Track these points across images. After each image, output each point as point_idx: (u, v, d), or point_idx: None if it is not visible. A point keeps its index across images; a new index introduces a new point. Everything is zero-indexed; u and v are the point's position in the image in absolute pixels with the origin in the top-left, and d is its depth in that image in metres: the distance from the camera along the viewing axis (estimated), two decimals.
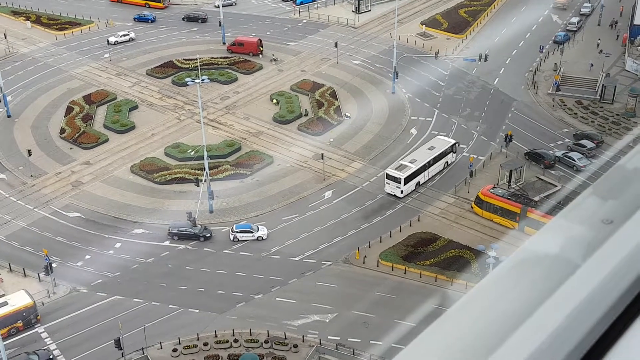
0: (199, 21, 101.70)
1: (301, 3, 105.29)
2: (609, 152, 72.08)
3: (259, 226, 61.94)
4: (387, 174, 66.00)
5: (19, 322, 52.61)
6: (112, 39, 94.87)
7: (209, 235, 61.72)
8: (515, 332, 1.83)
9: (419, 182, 66.73)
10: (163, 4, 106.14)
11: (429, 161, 67.63)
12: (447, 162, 70.23)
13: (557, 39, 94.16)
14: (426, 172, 67.52)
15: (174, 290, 56.18)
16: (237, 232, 61.05)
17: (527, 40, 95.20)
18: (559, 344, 1.80)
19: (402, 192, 65.22)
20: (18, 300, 53.22)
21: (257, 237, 60.94)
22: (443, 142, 70.99)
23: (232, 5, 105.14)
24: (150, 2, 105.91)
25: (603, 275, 1.95)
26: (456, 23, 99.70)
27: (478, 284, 2.13)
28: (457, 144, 71.65)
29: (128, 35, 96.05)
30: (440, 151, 69.09)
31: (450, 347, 1.87)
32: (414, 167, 65.91)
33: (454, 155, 70.94)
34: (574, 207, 2.30)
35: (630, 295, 1.95)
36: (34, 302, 53.27)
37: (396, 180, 65.13)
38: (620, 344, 1.88)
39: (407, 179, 65.10)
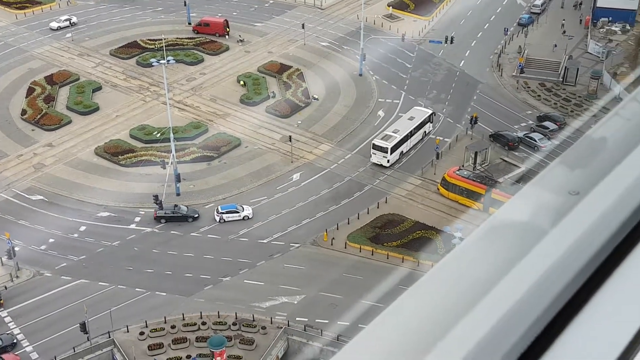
0: None
1: None
2: (571, 133, 73.38)
3: (244, 206, 61.88)
4: (373, 144, 67.83)
5: None
6: (54, 25, 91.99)
7: (197, 215, 61.32)
8: (482, 299, 1.86)
9: (402, 151, 68.78)
10: None
11: (411, 131, 69.93)
12: (425, 131, 72.27)
13: (521, 21, 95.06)
14: (408, 141, 69.74)
15: (140, 274, 55.81)
16: (223, 212, 60.81)
17: (492, 23, 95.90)
18: (527, 311, 1.84)
19: (388, 161, 67.30)
20: None
21: (243, 217, 60.90)
22: (421, 112, 73.16)
23: None
24: None
25: (570, 242, 2.00)
26: (423, 5, 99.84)
27: (447, 255, 2.19)
28: (434, 114, 73.75)
29: (70, 19, 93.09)
30: (420, 121, 71.31)
31: (418, 317, 1.93)
32: (398, 137, 68.03)
33: (431, 125, 72.86)
34: (542, 177, 2.37)
35: (596, 261, 2.01)
36: None
37: (383, 150, 67.12)
38: (588, 309, 1.94)
39: (393, 149, 67.19)
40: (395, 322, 1.95)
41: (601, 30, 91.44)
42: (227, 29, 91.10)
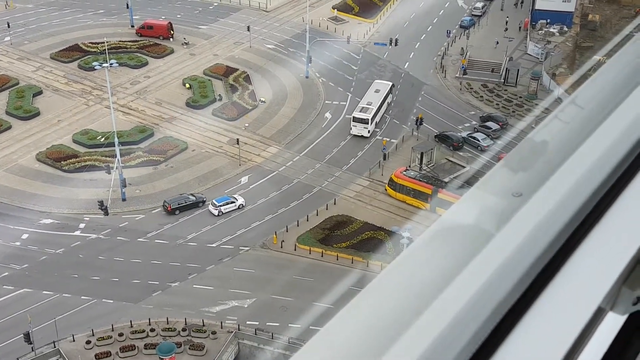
0: None
1: None
2: (512, 133, 75.16)
3: (235, 196, 62.67)
4: (354, 117, 72.35)
5: None
6: None
7: (204, 200, 62.54)
8: (432, 303, 1.87)
9: (376, 121, 73.36)
10: None
11: (381, 102, 74.80)
12: (388, 102, 77.26)
13: (463, 23, 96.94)
14: (380, 112, 74.49)
15: (86, 281, 54.69)
16: (221, 205, 61.25)
17: (435, 25, 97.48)
18: (475, 314, 1.87)
19: (369, 131, 71.92)
20: None
21: (239, 206, 61.99)
22: (383, 85, 78.43)
23: None
24: None
25: (516, 243, 2.04)
26: (367, 7, 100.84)
27: (395, 259, 2.25)
28: (393, 86, 79.14)
29: None
30: (385, 92, 76.66)
31: (370, 321, 1.90)
32: (374, 108, 72.98)
33: (392, 96, 78.24)
34: (486, 180, 2.39)
35: (541, 263, 2.05)
36: None
37: (363, 121, 71.84)
38: (533, 311, 1.99)
39: (372, 119, 72.00)
40: (347, 326, 1.94)
41: (540, 32, 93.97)
42: (172, 32, 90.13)
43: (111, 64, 65.05)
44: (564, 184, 2.28)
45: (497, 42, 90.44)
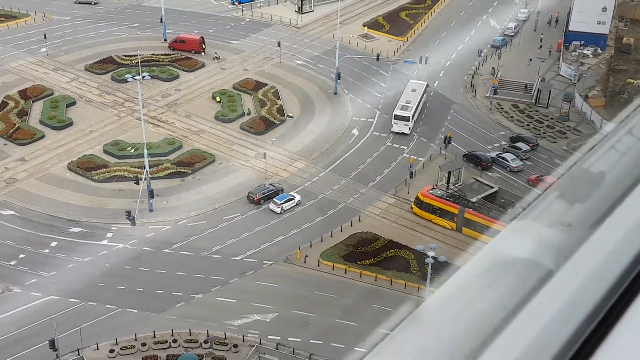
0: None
1: (239, 2, 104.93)
2: (543, 155, 74.43)
3: (292, 194, 65.16)
4: (395, 114, 75.79)
5: None
6: None
7: (282, 188, 65.89)
8: (493, 341, 1.78)
9: (414, 119, 76.97)
10: None
11: (418, 101, 78.14)
12: (423, 102, 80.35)
13: (495, 43, 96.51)
14: (418, 110, 77.85)
15: (111, 290, 55.22)
16: (282, 203, 63.42)
17: (466, 44, 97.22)
18: (540, 350, 1.79)
19: (409, 128, 75.37)
20: None
21: (297, 202, 64.54)
22: (419, 84, 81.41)
23: None
24: None
25: (579, 282, 1.94)
26: (397, 25, 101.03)
27: (446, 285, 2.12)
28: (428, 85, 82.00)
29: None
30: (422, 92, 79.83)
31: (423, 353, 1.80)
32: (413, 107, 76.53)
33: (426, 95, 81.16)
34: (538, 207, 2.30)
35: (608, 300, 1.95)
36: None
37: (404, 118, 75.36)
38: (602, 349, 1.87)
39: (412, 117, 75.56)
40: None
41: (573, 53, 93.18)
42: (203, 46, 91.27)
43: (143, 76, 65.91)
44: (627, 220, 2.14)
45: (530, 59, 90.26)
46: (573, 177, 2.42)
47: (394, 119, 75.96)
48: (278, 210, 63.76)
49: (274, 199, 64.46)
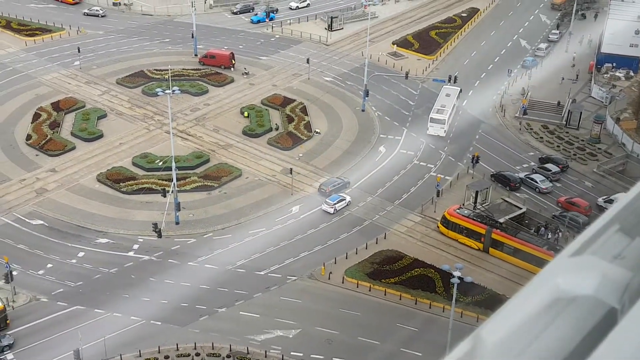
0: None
1: (258, 21, 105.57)
2: (573, 177, 73.50)
3: (343, 194, 67.12)
4: (431, 118, 78.66)
5: None
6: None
7: (349, 181, 69.18)
8: None
9: (449, 123, 79.95)
10: (73, 0, 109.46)
11: (452, 105, 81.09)
12: (457, 106, 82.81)
13: (525, 63, 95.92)
14: (451, 115, 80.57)
15: (136, 302, 55.48)
16: (335, 203, 65.51)
17: (496, 64, 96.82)
18: None
19: (445, 131, 78.27)
20: None
21: (348, 202, 66.63)
22: (453, 89, 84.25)
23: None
24: None
25: None
26: (427, 44, 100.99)
27: (503, 319, 1.95)
28: (461, 91, 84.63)
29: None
30: (455, 96, 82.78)
31: None
32: (448, 110, 79.63)
33: (459, 101, 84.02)
34: (597, 241, 2.20)
35: None
36: (4, 306, 52.65)
37: (440, 121, 78.26)
38: None
39: (447, 120, 78.59)
40: None
41: (605, 75, 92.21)
42: (233, 62, 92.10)
43: (173, 90, 66.53)
44: None
45: (563, 78, 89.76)
46: (633, 210, 2.29)
47: (430, 122, 78.87)
48: (331, 210, 65.73)
49: (327, 200, 66.56)
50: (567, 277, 2.07)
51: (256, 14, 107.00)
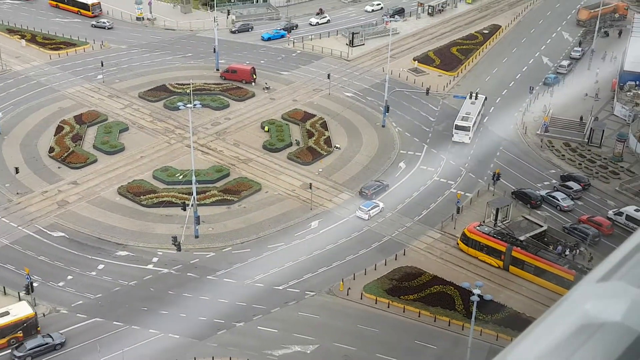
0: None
1: (269, 38, 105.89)
2: (595, 195, 72.71)
3: (376, 201, 68.55)
4: (456, 125, 79.91)
5: (19, 332, 52.53)
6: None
7: (388, 184, 71.55)
8: None
9: (474, 130, 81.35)
10: (92, 13, 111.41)
11: (477, 112, 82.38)
12: (482, 113, 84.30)
13: (547, 81, 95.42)
14: (476, 122, 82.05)
15: (155, 315, 55.58)
16: (369, 210, 66.80)
17: (517, 81, 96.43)
18: None
19: (469, 138, 79.76)
20: (19, 310, 53.23)
21: (381, 209, 67.71)
22: (478, 97, 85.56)
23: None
24: (81, 10, 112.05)
25: None
26: (448, 60, 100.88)
27: (530, 343, 1.88)
28: (486, 99, 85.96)
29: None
30: (480, 104, 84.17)
31: None
32: (473, 117, 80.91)
33: (484, 109, 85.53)
34: (624, 266, 2.15)
35: None
36: (35, 313, 53.26)
37: (465, 129, 79.69)
38: None
39: (472, 127, 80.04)
40: None
41: (628, 93, 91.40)
42: (254, 76, 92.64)
43: (195, 104, 67.00)
44: None
45: (587, 94, 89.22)
46: None
47: (455, 129, 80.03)
48: (365, 216, 66.70)
49: (361, 206, 67.68)
50: (595, 302, 2.01)
51: (267, 31, 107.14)
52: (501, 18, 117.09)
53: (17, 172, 72.06)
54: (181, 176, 70.19)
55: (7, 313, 52.65)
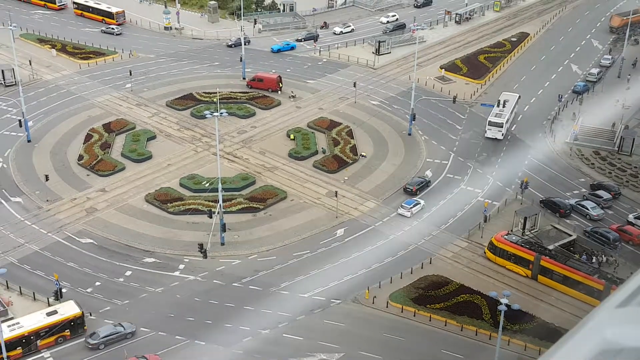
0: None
1: (278, 50, 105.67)
2: (626, 204, 71.52)
3: (418, 199, 70.22)
4: (489, 121, 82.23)
5: (66, 330, 53.57)
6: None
7: (430, 180, 73.81)
8: None
9: (507, 127, 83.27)
10: (116, 21, 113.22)
11: (511, 110, 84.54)
12: (515, 112, 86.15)
13: (576, 88, 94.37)
14: (509, 120, 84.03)
15: (181, 321, 55.83)
16: (411, 207, 68.48)
17: (546, 89, 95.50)
18: None
19: (502, 134, 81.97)
20: (67, 309, 54.29)
21: (422, 207, 69.48)
22: (512, 95, 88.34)
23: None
24: (106, 19, 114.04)
25: None
26: (475, 68, 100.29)
27: None
28: (520, 97, 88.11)
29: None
30: (514, 102, 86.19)
31: None
32: (506, 114, 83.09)
33: (517, 107, 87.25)
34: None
35: None
36: (82, 312, 54.21)
37: (498, 125, 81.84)
38: None
39: (504, 124, 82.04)
40: None
41: None
42: (280, 85, 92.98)
43: (221, 113, 67.35)
44: None
45: (618, 100, 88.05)
46: None
47: (488, 125, 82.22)
48: (408, 214, 68.28)
49: (403, 204, 69.24)
50: (614, 328, 1.94)
51: (277, 43, 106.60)
52: (529, 26, 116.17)
53: (47, 180, 73.10)
54: (207, 184, 70.58)
55: (55, 312, 53.99)
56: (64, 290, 57.43)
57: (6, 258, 62.05)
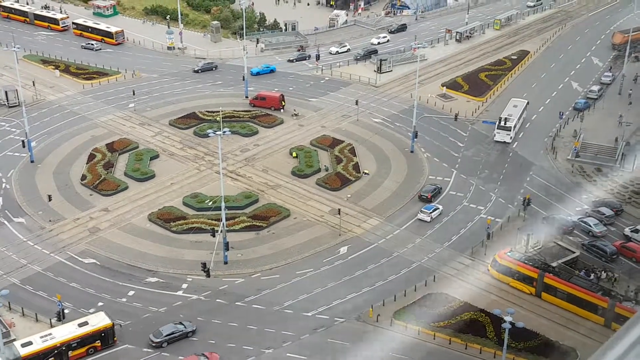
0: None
1: (257, 73, 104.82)
2: (628, 221, 71.45)
3: (436, 204, 72.15)
4: (498, 125, 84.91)
5: (97, 342, 53.80)
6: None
7: (441, 187, 75.66)
8: None
9: (515, 131, 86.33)
10: (115, 40, 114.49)
11: (519, 115, 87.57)
12: (523, 117, 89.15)
13: (577, 105, 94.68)
14: (518, 124, 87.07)
15: (184, 341, 55.60)
16: (430, 212, 70.50)
17: (547, 106, 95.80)
18: None
19: (510, 138, 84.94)
20: (97, 320, 54.53)
21: (441, 212, 71.56)
22: (520, 101, 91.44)
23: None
24: (105, 38, 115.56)
25: None
26: (477, 86, 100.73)
27: None
28: (528, 103, 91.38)
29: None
30: (522, 108, 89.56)
31: None
32: (515, 119, 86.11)
33: (526, 113, 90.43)
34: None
35: None
36: (113, 323, 54.40)
37: (507, 128, 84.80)
38: None
39: (513, 128, 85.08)
40: None
41: None
42: (283, 103, 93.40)
43: (224, 132, 67.68)
44: None
45: (621, 115, 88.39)
46: None
47: (497, 128, 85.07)
48: (427, 219, 70.23)
49: (422, 209, 71.31)
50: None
51: (256, 66, 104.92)
52: (529, 44, 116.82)
53: (49, 200, 73.23)
54: (210, 202, 70.65)
55: (86, 323, 54.21)
56: (66, 311, 57.27)
57: (8, 279, 61.97)
